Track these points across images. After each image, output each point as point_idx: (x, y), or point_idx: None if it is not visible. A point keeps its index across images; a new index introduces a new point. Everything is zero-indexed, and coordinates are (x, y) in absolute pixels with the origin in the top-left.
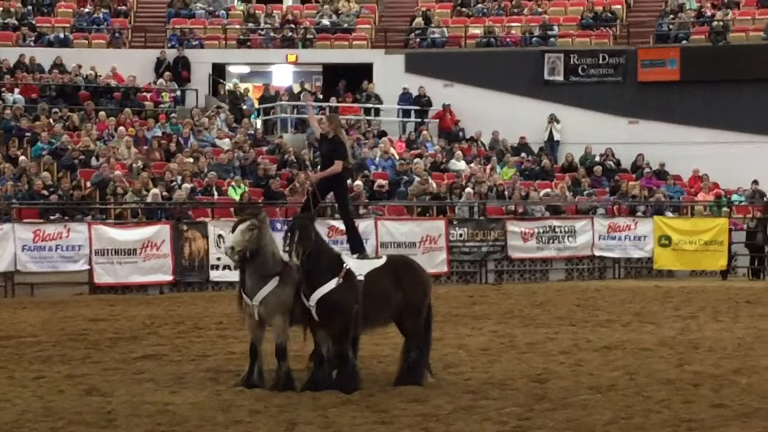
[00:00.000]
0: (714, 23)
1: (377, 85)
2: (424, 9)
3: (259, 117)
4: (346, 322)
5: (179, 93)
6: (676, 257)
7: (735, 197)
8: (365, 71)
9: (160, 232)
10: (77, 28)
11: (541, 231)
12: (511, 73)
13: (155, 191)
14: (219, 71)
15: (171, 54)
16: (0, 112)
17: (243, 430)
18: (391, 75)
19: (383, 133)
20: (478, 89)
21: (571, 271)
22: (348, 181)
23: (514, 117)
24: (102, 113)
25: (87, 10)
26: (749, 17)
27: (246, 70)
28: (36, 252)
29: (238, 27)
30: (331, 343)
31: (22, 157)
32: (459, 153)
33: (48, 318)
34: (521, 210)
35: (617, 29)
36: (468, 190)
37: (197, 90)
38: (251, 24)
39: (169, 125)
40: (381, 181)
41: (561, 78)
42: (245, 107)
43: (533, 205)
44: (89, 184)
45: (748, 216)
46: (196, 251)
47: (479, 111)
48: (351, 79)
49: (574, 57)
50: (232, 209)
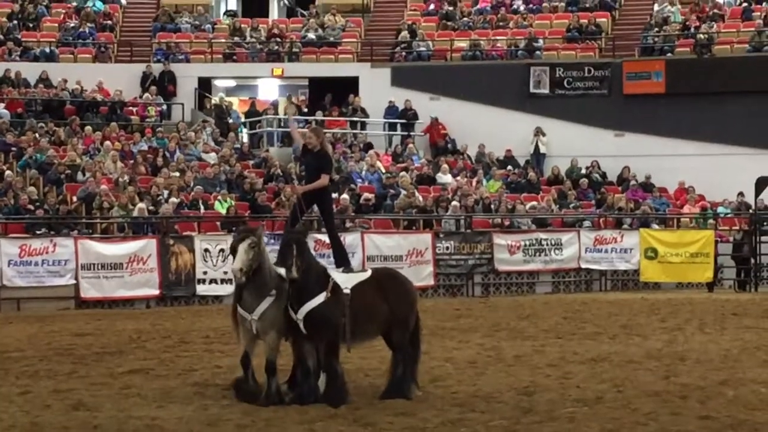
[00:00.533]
0: (699, 36)
1: (363, 99)
2: (409, 23)
3: (245, 131)
4: (333, 335)
5: (165, 107)
6: (662, 269)
7: (721, 209)
8: (351, 85)
9: (146, 246)
10: (63, 42)
11: (528, 244)
12: (497, 86)
13: (141, 205)
14: (205, 85)
15: (157, 68)
16: None
17: None
18: (377, 88)
19: (369, 147)
20: (464, 102)
21: (558, 284)
22: (333, 195)
23: (500, 130)
24: (88, 128)
25: (73, 24)
26: (734, 30)
27: (232, 83)
28: (22, 267)
29: (224, 41)
30: (321, 357)
31: (8, 172)
32: (445, 166)
33: (34, 333)
34: (508, 223)
35: (602, 42)
36: (454, 203)
37: (183, 104)
38: (237, 38)
39: (156, 139)
40: (367, 195)
41: (547, 91)
42: (231, 121)
43: (520, 218)
44: (75, 198)
45: (734, 228)
46: (182, 265)
47: (465, 124)
48: (337, 93)
49: (559, 70)
50: (218, 223)
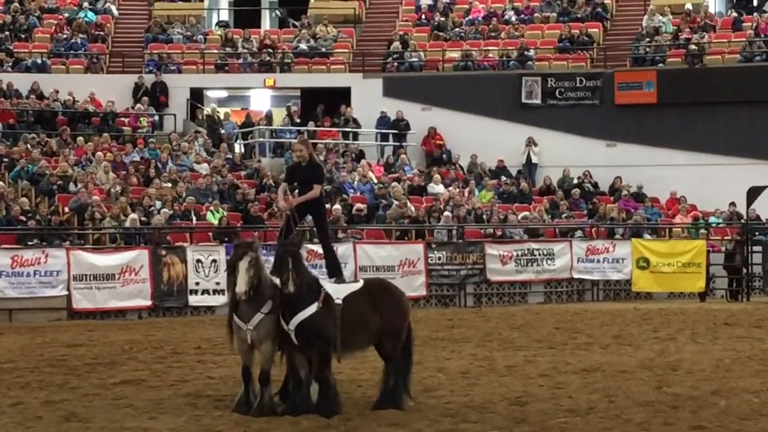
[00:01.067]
0: (690, 46)
1: (355, 109)
2: (401, 33)
3: (238, 141)
4: (325, 346)
5: (157, 118)
6: (654, 279)
7: (712, 219)
8: (343, 95)
9: (138, 257)
10: (55, 53)
11: (520, 254)
12: (489, 97)
13: (133, 216)
14: (197, 96)
15: (149, 79)
16: None
17: None
18: (369, 99)
19: (361, 157)
20: (455, 113)
21: (550, 294)
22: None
23: (492, 140)
24: (80, 138)
25: (64, 35)
26: (725, 40)
27: (224, 94)
28: (14, 278)
29: (215, 52)
30: (314, 368)
31: (0, 183)
32: (437, 176)
33: (26, 344)
34: (500, 233)
35: (594, 52)
36: (446, 213)
37: (175, 115)
38: (229, 49)
39: (147, 150)
40: (359, 205)
41: (538, 101)
42: (224, 131)
43: (512, 228)
44: (67, 209)
45: (725, 238)
46: (174, 276)
47: (457, 134)
48: (329, 103)
49: (551, 80)
50: (211, 234)
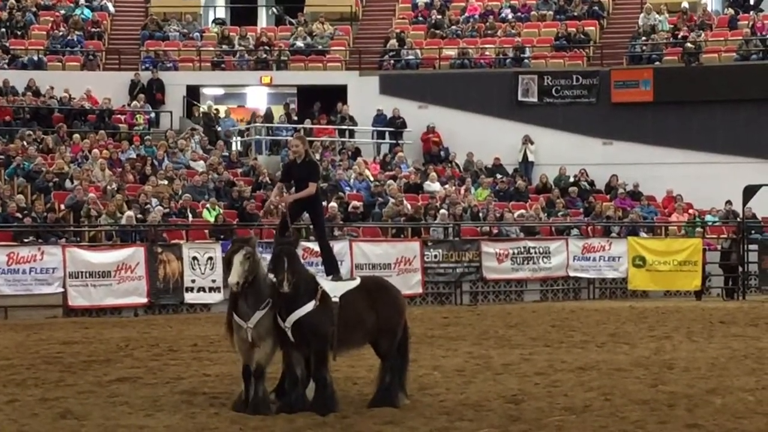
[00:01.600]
0: (687, 44)
1: (352, 107)
2: (398, 31)
3: (235, 138)
4: (322, 344)
5: (153, 115)
6: (650, 278)
7: (709, 218)
8: (340, 93)
9: (134, 254)
10: (51, 50)
11: (516, 252)
12: (485, 95)
13: (129, 213)
14: (193, 93)
15: (145, 76)
16: None
17: None
18: (366, 96)
19: (358, 154)
20: (452, 110)
21: (546, 292)
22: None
23: (488, 138)
24: (76, 135)
25: (61, 32)
26: (722, 39)
27: (220, 92)
28: (10, 275)
29: (212, 49)
30: (311, 366)
31: None
32: (433, 174)
33: (22, 341)
34: (496, 231)
35: (590, 51)
36: (443, 211)
37: (171, 112)
38: (225, 46)
39: (144, 147)
40: (356, 203)
41: (535, 99)
42: (220, 129)
43: (508, 226)
44: (63, 206)
45: (722, 236)
46: (170, 273)
47: (454, 132)
48: (325, 101)
49: (547, 78)
50: (207, 231)
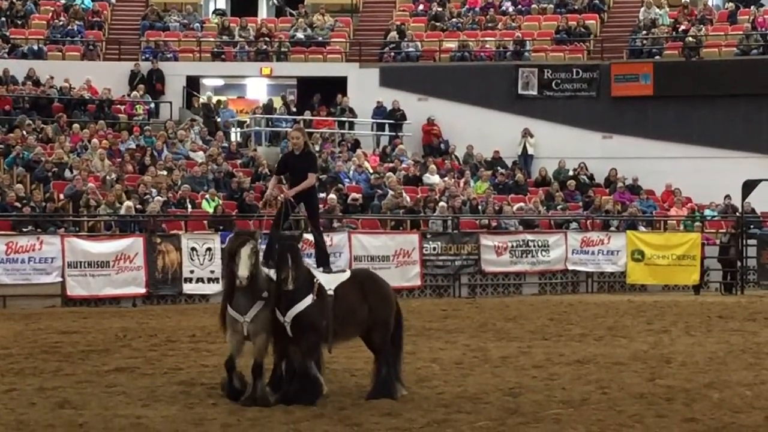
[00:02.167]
0: (687, 39)
1: (352, 99)
2: (398, 23)
3: (235, 129)
4: (317, 338)
5: (153, 105)
6: (648, 272)
7: (708, 212)
8: (340, 84)
9: (133, 244)
10: (51, 40)
11: (515, 245)
12: (485, 87)
13: (129, 204)
14: (193, 84)
15: (145, 66)
16: None
17: None
18: (366, 88)
19: (357, 146)
20: (452, 103)
21: (545, 285)
22: (321, 195)
23: (488, 131)
24: (76, 125)
25: (61, 22)
26: (722, 33)
27: (220, 82)
28: (8, 264)
29: (212, 40)
30: (299, 356)
31: None
32: (433, 167)
33: (20, 330)
34: (495, 224)
35: (591, 44)
36: (442, 203)
37: (171, 102)
38: (226, 37)
39: (143, 138)
40: (355, 195)
41: (535, 92)
42: (220, 119)
43: (507, 219)
44: (62, 196)
45: (720, 231)
46: (169, 264)
47: (453, 125)
48: (325, 93)
49: (547, 71)
50: (206, 222)
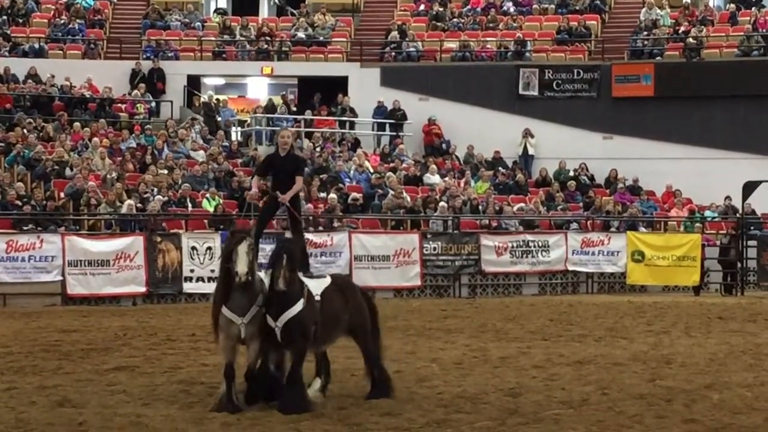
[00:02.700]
0: (688, 40)
1: (352, 98)
2: (399, 23)
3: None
4: (305, 343)
5: (154, 104)
6: (649, 272)
7: (708, 213)
8: (340, 84)
9: (133, 243)
10: (52, 38)
11: (515, 245)
12: (486, 88)
13: (129, 202)
14: (194, 83)
15: (146, 65)
16: None
17: None
18: (367, 88)
19: (358, 146)
20: (453, 103)
21: (545, 286)
22: (321, 194)
23: (488, 131)
24: (76, 124)
25: (62, 20)
26: (723, 34)
27: (221, 82)
28: (9, 262)
29: (213, 39)
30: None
31: None
32: (433, 167)
33: (20, 329)
34: (495, 224)
35: (592, 45)
36: (442, 203)
37: (172, 101)
38: (227, 36)
39: (144, 137)
40: (355, 195)
41: (535, 93)
42: (220, 119)
43: (507, 220)
44: (63, 194)
45: (721, 232)
46: (169, 263)
47: (454, 125)
48: (326, 92)
49: (548, 72)
50: (206, 221)
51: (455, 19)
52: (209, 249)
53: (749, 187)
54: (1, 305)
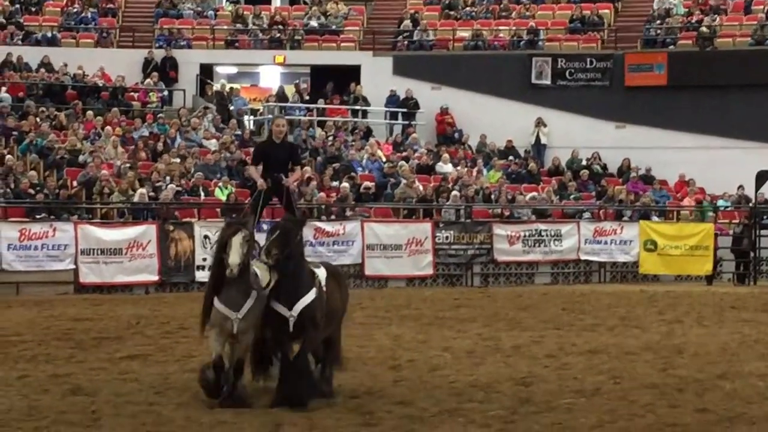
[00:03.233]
0: (701, 29)
1: (365, 87)
2: (412, 11)
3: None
4: (317, 332)
5: (167, 93)
6: (661, 262)
7: (721, 202)
8: (353, 73)
9: (146, 232)
10: (65, 27)
11: (527, 234)
12: (499, 77)
13: (142, 191)
14: (207, 72)
15: (159, 54)
16: None
17: (228, 430)
18: (379, 77)
19: (370, 135)
20: (465, 92)
21: (557, 275)
22: (334, 183)
23: (501, 120)
24: (89, 113)
25: (75, 9)
26: (736, 23)
27: (234, 70)
28: (22, 251)
29: (226, 28)
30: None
31: (8, 156)
32: (446, 156)
33: (33, 317)
34: (507, 213)
35: (605, 33)
36: (455, 192)
37: (185, 90)
38: (239, 25)
39: (156, 125)
40: (367, 183)
41: (548, 82)
42: (233, 107)
43: (519, 209)
44: (76, 183)
45: (733, 221)
46: (182, 251)
47: (467, 114)
48: (339, 81)
49: (561, 61)
50: (218, 210)
51: (468, 8)
52: None
53: (762, 177)
54: (14, 293)
